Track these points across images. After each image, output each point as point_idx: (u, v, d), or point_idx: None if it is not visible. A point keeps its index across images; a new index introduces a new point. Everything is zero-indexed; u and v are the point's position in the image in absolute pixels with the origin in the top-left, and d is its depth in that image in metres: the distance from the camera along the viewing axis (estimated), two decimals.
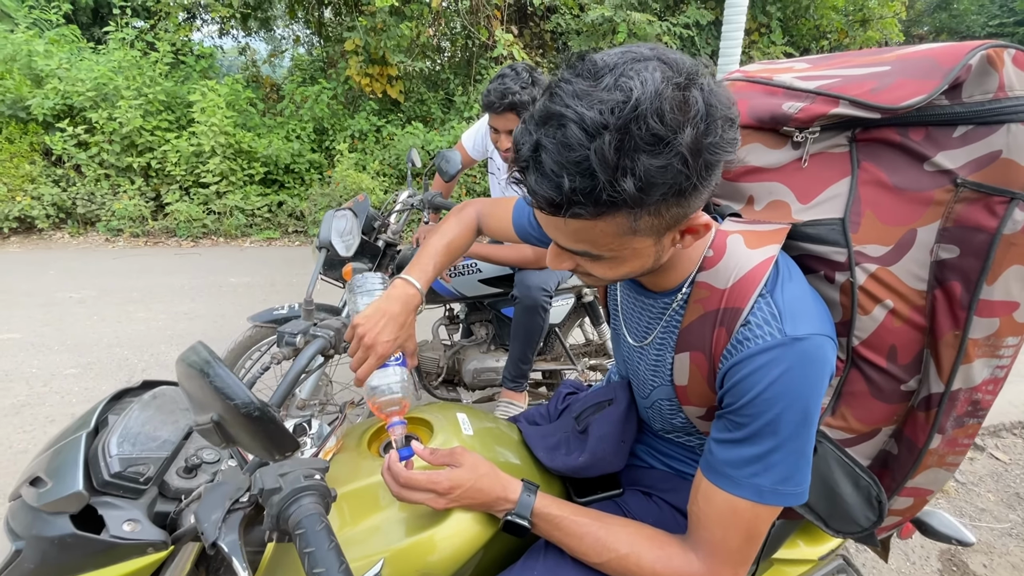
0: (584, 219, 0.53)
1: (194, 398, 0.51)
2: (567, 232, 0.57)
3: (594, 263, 0.61)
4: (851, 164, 0.66)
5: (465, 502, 0.68)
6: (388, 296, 0.81)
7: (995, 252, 0.59)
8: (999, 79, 0.58)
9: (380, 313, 0.79)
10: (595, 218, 0.53)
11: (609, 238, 0.56)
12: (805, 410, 0.59)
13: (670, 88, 0.49)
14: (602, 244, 0.57)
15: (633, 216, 0.53)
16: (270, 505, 0.50)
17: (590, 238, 0.56)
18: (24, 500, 0.62)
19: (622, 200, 0.50)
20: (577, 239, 0.57)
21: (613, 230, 0.54)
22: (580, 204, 0.51)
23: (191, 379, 0.48)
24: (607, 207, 0.51)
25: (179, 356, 0.50)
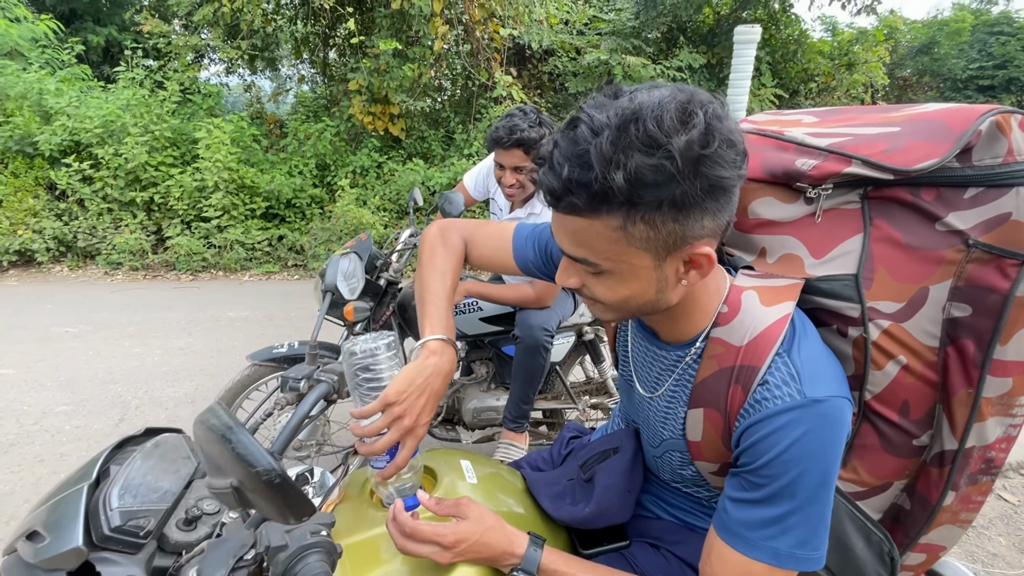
0: (580, 214, 0.55)
1: (212, 461, 0.50)
2: (569, 233, 0.59)
3: (596, 280, 0.62)
4: (863, 221, 0.67)
5: (470, 556, 0.66)
6: (424, 368, 0.72)
7: (1008, 313, 0.59)
8: (1008, 144, 0.60)
9: (421, 389, 0.70)
10: (589, 213, 0.55)
11: (605, 243, 0.57)
12: (825, 473, 0.58)
13: (674, 103, 0.52)
14: (599, 250, 0.58)
15: (625, 217, 0.54)
16: (275, 564, 0.49)
17: (587, 241, 0.58)
18: (19, 555, 0.60)
19: (613, 194, 0.52)
20: (576, 241, 0.59)
21: (608, 233, 0.56)
22: (574, 194, 0.54)
23: (211, 443, 0.48)
24: (599, 200, 0.53)
25: (197, 418, 0.50)
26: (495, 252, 0.90)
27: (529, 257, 0.87)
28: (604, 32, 6.39)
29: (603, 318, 0.72)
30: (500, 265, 0.90)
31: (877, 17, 6.84)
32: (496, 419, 2.03)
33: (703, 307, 0.67)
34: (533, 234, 0.87)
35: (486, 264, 0.92)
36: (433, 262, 0.85)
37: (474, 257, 0.91)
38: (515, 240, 0.88)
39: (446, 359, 0.75)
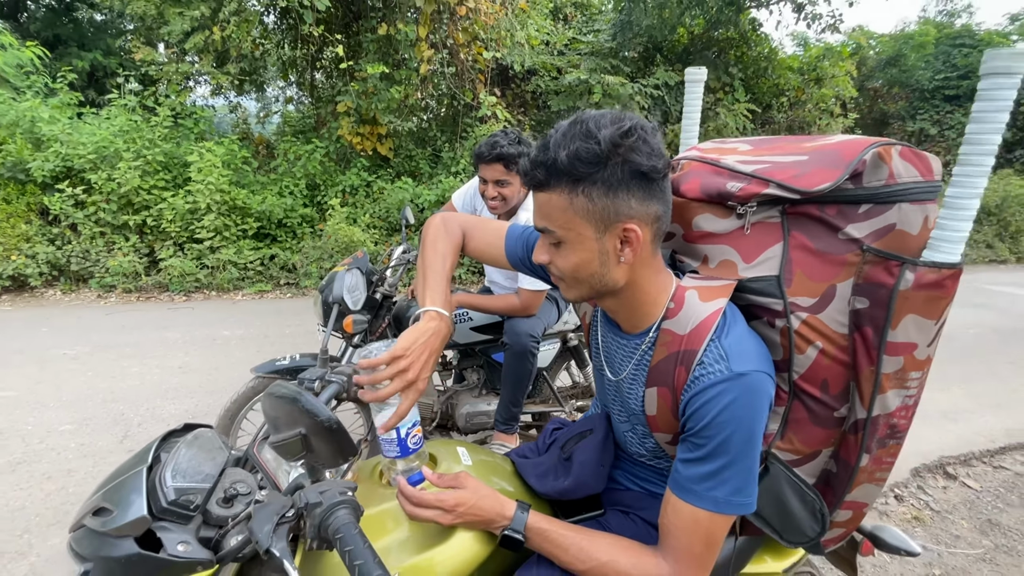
0: (541, 188, 0.75)
1: (280, 420, 0.63)
2: (537, 207, 0.78)
3: (556, 252, 0.79)
4: (783, 232, 0.82)
5: (468, 519, 0.78)
6: (425, 331, 0.83)
7: (895, 304, 0.74)
8: (889, 169, 0.76)
9: (424, 347, 0.81)
10: (546, 186, 0.74)
11: (559, 212, 0.75)
12: (750, 432, 0.72)
13: (611, 113, 0.72)
14: (555, 219, 0.76)
15: (571, 190, 0.73)
16: (313, 516, 0.61)
17: (547, 212, 0.76)
18: (88, 528, 0.71)
19: (561, 169, 0.72)
20: (540, 214, 0.77)
21: (560, 202, 0.74)
22: (536, 169, 0.74)
23: (280, 406, 0.61)
24: (551, 174, 0.73)
25: (267, 390, 0.63)
26: (489, 245, 1.04)
27: (518, 253, 1.02)
28: (584, 52, 6.65)
29: (568, 296, 0.85)
30: (492, 257, 1.05)
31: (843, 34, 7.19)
32: (488, 423, 2.15)
33: (653, 301, 0.81)
34: (523, 235, 1.03)
35: (480, 254, 1.06)
36: (436, 246, 0.98)
37: (471, 248, 1.05)
38: (507, 237, 1.03)
39: (444, 324, 0.87)
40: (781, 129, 7.60)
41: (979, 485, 2.68)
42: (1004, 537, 2.30)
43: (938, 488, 2.64)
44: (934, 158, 0.79)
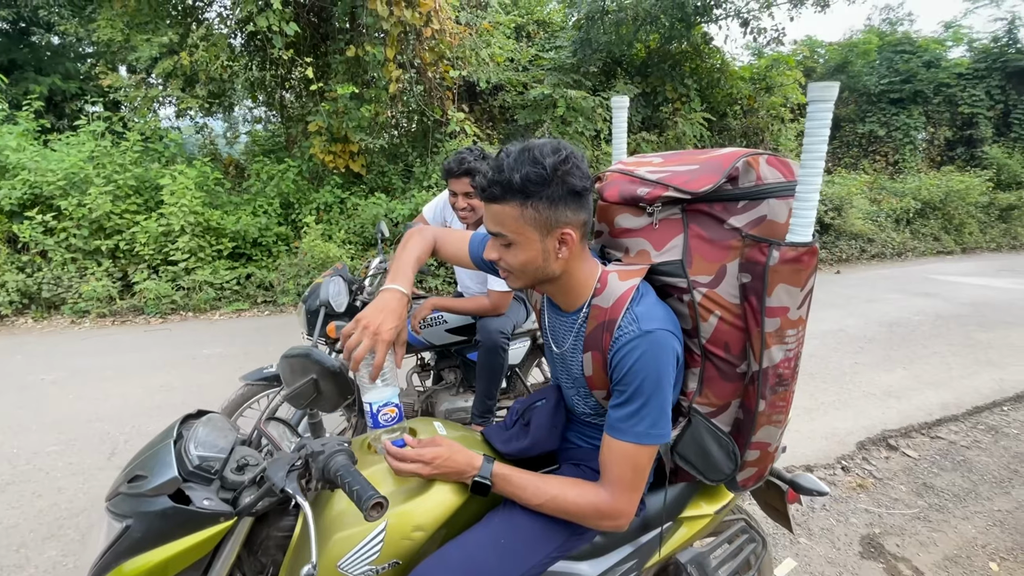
0: (497, 201, 0.91)
1: (295, 372, 0.79)
2: (491, 216, 0.93)
3: (507, 251, 0.95)
4: (683, 225, 1.03)
5: (443, 470, 0.95)
6: (382, 298, 0.99)
7: (768, 276, 0.95)
8: (757, 174, 0.98)
9: (378, 308, 0.97)
10: (502, 200, 0.90)
11: (511, 220, 0.91)
12: (658, 377, 0.91)
13: (550, 144, 0.91)
14: (508, 226, 0.92)
15: (522, 204, 0.89)
16: (317, 462, 0.77)
17: (501, 220, 0.92)
18: (125, 493, 0.86)
19: (514, 187, 0.88)
20: (495, 221, 0.93)
21: (513, 213, 0.91)
22: (493, 187, 0.90)
23: (294, 362, 0.77)
24: (507, 191, 0.89)
25: (283, 354, 0.80)
26: (457, 250, 1.24)
27: (478, 254, 1.21)
28: (547, 68, 6.94)
29: (514, 285, 1.04)
30: (459, 259, 1.24)
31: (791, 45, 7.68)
32: (466, 418, 2.31)
33: (583, 284, 1.00)
34: (484, 241, 1.21)
35: (449, 257, 1.26)
36: (407, 245, 1.17)
37: (442, 252, 1.24)
38: (471, 243, 1.23)
39: (398, 295, 1.02)
40: (736, 135, 8.02)
41: (917, 454, 2.95)
42: (936, 497, 2.56)
43: (881, 459, 2.90)
44: (794, 163, 1.01)
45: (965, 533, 2.31)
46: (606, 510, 0.92)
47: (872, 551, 2.19)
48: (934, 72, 13.06)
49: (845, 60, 13.73)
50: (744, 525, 1.39)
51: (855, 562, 2.12)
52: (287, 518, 0.98)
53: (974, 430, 3.24)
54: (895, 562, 2.12)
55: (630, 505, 0.93)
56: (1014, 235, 11.16)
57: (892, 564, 2.11)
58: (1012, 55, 13.11)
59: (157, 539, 0.81)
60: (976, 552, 2.19)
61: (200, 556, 0.85)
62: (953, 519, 2.40)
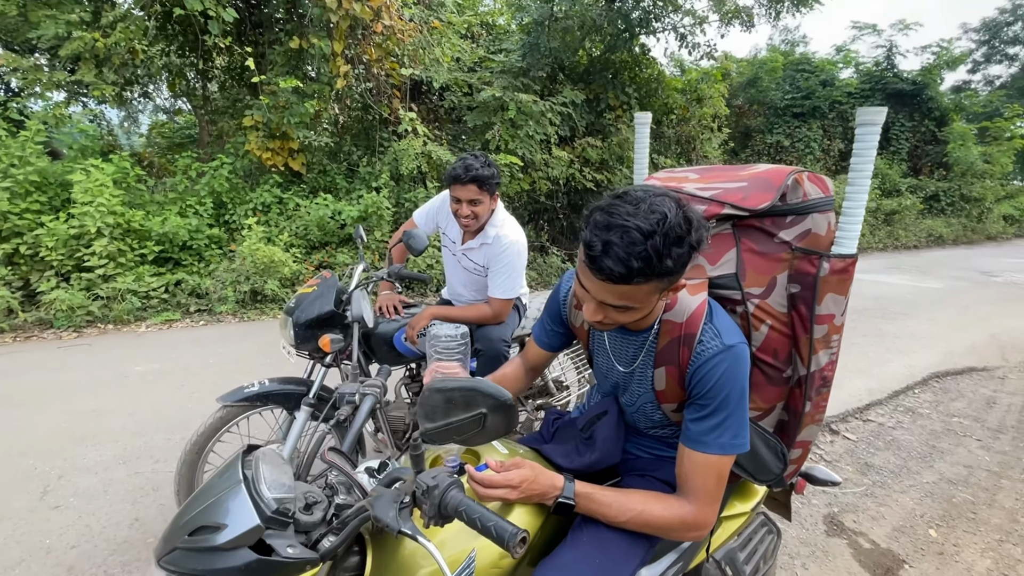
0: (639, 284, 0.84)
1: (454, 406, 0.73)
2: (618, 294, 0.86)
3: (623, 313, 0.91)
4: (735, 240, 1.08)
5: (529, 493, 0.92)
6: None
7: (818, 286, 1.02)
8: (803, 190, 1.04)
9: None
10: (645, 283, 0.84)
11: (645, 296, 0.87)
12: (742, 390, 0.95)
13: (681, 212, 0.84)
14: (639, 300, 0.88)
15: (659, 281, 0.85)
16: (432, 498, 0.72)
17: (633, 297, 0.87)
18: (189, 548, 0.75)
19: (665, 272, 0.83)
20: (623, 298, 0.87)
21: (649, 291, 0.86)
22: (642, 275, 0.82)
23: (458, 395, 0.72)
24: (654, 277, 0.83)
25: (430, 386, 0.75)
26: (536, 353, 1.30)
27: (542, 338, 1.28)
28: (495, 71, 6.94)
29: (606, 330, 1.03)
30: (540, 357, 1.30)
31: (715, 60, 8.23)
32: None
33: (660, 306, 1.01)
34: (546, 328, 1.27)
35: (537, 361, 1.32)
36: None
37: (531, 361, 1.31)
38: (536, 336, 1.29)
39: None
40: (671, 143, 8.48)
41: (855, 436, 3.28)
42: (877, 475, 2.86)
43: (827, 442, 3.19)
44: (829, 180, 1.10)
45: (905, 505, 2.60)
46: (692, 521, 0.94)
47: (835, 528, 2.41)
48: (829, 90, 14.59)
49: (755, 75, 14.96)
50: (763, 519, 1.48)
51: (823, 540, 2.32)
52: (352, 557, 0.92)
53: (896, 412, 3.65)
54: (855, 536, 2.35)
55: (713, 515, 0.96)
56: (896, 236, 12.71)
57: (853, 539, 2.33)
58: (890, 78, 14.97)
59: None
60: (917, 521, 2.47)
61: None
62: (893, 493, 2.69)
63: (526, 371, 1.31)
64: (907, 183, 14.20)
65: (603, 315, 0.93)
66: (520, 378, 1.30)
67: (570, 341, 1.26)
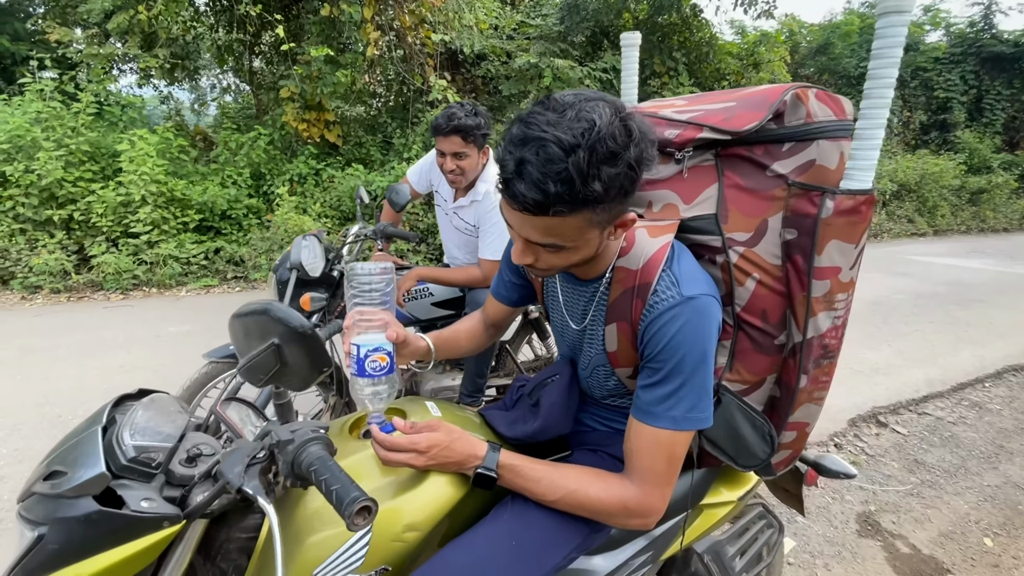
0: (562, 215, 0.67)
1: (251, 335, 0.61)
2: (542, 228, 0.71)
3: (555, 254, 0.75)
4: (717, 173, 0.88)
5: (441, 460, 0.80)
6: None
7: (819, 231, 0.81)
8: (806, 110, 0.83)
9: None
10: (570, 214, 0.68)
11: (574, 231, 0.71)
12: (702, 352, 0.77)
13: (617, 119, 0.66)
14: (568, 236, 0.72)
15: (594, 212, 0.69)
16: (285, 453, 0.61)
17: (560, 232, 0.71)
18: (41, 493, 0.68)
19: (592, 199, 0.66)
20: (549, 234, 0.72)
21: (579, 224, 0.70)
22: (561, 203, 0.66)
23: (251, 321, 0.59)
24: (580, 204, 0.67)
25: (234, 312, 0.61)
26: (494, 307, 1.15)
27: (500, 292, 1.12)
28: (532, 37, 6.66)
29: (542, 275, 0.87)
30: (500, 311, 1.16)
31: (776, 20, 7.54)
32: (453, 398, 2.16)
33: (611, 249, 0.84)
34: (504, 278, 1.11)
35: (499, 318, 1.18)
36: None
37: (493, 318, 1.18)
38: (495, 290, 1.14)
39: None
40: None
41: (906, 430, 2.93)
42: (928, 473, 2.54)
43: (872, 435, 2.87)
44: (846, 100, 0.87)
45: (958, 509, 2.28)
46: (635, 507, 0.79)
47: (869, 529, 2.15)
48: (912, 56, 13.13)
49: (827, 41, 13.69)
50: (762, 510, 1.29)
51: (853, 540, 2.07)
52: (252, 517, 0.82)
53: (959, 406, 3.24)
54: (892, 539, 2.08)
55: (662, 501, 0.79)
56: (982, 218, 11.42)
57: (889, 541, 2.07)
58: (987, 40, 13.27)
59: (82, 551, 0.64)
60: (970, 527, 2.17)
61: (140, 568, 0.68)
62: (945, 495, 2.38)
63: (485, 327, 1.17)
64: (1000, 159, 12.68)
65: (532, 256, 0.77)
66: (478, 334, 1.16)
67: (533, 295, 1.11)
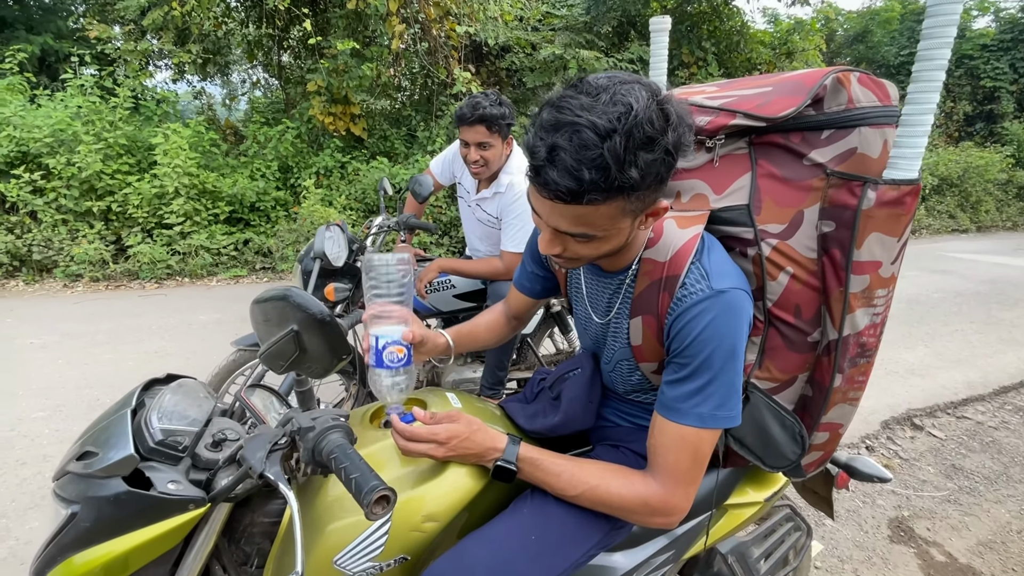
0: (595, 204, 0.64)
1: (270, 322, 0.62)
2: (572, 217, 0.68)
3: (584, 244, 0.72)
4: (751, 162, 0.85)
5: (460, 451, 0.79)
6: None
7: (859, 223, 0.77)
8: (848, 94, 0.78)
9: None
10: (603, 203, 0.65)
11: (606, 220, 0.68)
12: (732, 348, 0.74)
13: (654, 103, 0.63)
14: (599, 225, 0.69)
15: (628, 200, 0.66)
16: (306, 441, 0.61)
17: (591, 221, 0.68)
18: (74, 472, 0.70)
19: (628, 186, 0.63)
20: (580, 223, 0.68)
21: (611, 212, 0.67)
22: (596, 191, 0.63)
23: (269, 309, 0.60)
24: (614, 192, 0.63)
25: (254, 299, 0.62)
26: (517, 298, 1.14)
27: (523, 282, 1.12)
28: (557, 28, 6.58)
29: (569, 266, 0.85)
30: (522, 302, 1.15)
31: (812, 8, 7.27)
32: (474, 390, 2.17)
33: (639, 240, 0.82)
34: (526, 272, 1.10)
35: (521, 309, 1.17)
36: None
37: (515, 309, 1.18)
38: (517, 281, 1.13)
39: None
40: None
41: (944, 434, 2.82)
42: (967, 480, 2.43)
43: (906, 438, 2.77)
44: (891, 85, 0.82)
45: (999, 518, 2.18)
46: (657, 505, 0.77)
47: (902, 535, 2.07)
48: (958, 43, 12.44)
49: (865, 29, 13.18)
50: (789, 512, 1.25)
51: (884, 546, 2.00)
52: (275, 501, 0.83)
53: (1002, 410, 3.10)
54: (926, 547, 2.00)
55: (686, 500, 0.77)
56: None
57: (923, 549, 1.99)
58: None
59: (112, 529, 0.66)
60: (1011, 538, 2.07)
61: (168, 548, 0.70)
62: (985, 503, 2.28)
63: (508, 319, 1.16)
64: None
65: (560, 246, 0.75)
66: (498, 327, 1.15)
67: (556, 287, 1.09)
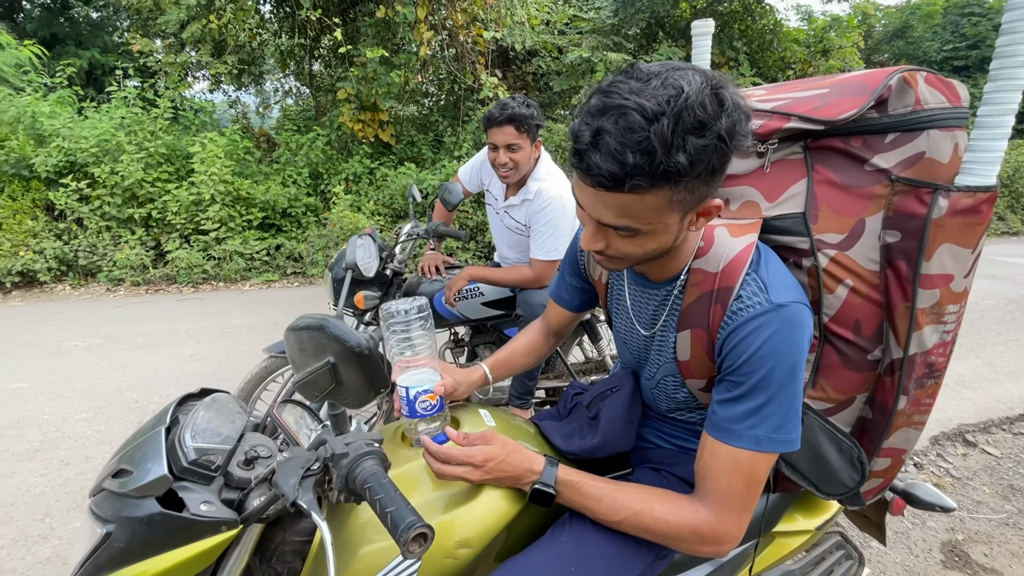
0: (639, 191, 0.60)
1: (306, 351, 0.60)
2: (616, 208, 0.63)
3: (629, 240, 0.67)
4: (806, 168, 0.79)
5: (496, 475, 0.76)
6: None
7: (928, 233, 0.71)
8: (915, 95, 0.73)
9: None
10: (648, 191, 0.60)
11: (651, 212, 0.63)
12: (792, 366, 0.69)
13: (708, 87, 0.59)
14: (643, 218, 0.64)
15: (676, 190, 0.61)
16: (339, 468, 0.59)
17: (635, 212, 0.63)
18: (109, 490, 0.70)
19: (675, 172, 0.58)
20: (623, 214, 0.64)
21: (657, 203, 0.62)
22: (640, 175, 0.58)
23: (305, 338, 0.58)
24: (660, 180, 0.59)
25: (289, 325, 0.60)
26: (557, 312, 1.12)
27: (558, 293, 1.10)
28: (585, 31, 6.53)
29: (614, 268, 0.81)
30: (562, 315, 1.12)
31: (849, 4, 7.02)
32: (502, 399, 2.14)
33: (688, 247, 0.77)
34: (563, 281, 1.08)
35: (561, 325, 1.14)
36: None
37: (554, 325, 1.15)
38: (554, 291, 1.11)
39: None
40: None
41: (1000, 452, 2.65)
42: None
43: (958, 455, 2.61)
44: (960, 84, 0.76)
45: None
46: (708, 532, 0.72)
47: (956, 560, 1.94)
48: None
49: (905, 24, 12.70)
50: (840, 540, 1.18)
51: (937, 572, 1.88)
52: (306, 521, 0.82)
53: None
54: (984, 574, 1.88)
55: (738, 528, 0.72)
56: None
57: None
58: None
59: (145, 550, 0.65)
60: None
61: (201, 569, 0.69)
62: None
63: (546, 335, 1.12)
64: None
65: (604, 242, 0.69)
66: (536, 346, 1.11)
67: (595, 298, 1.05)
